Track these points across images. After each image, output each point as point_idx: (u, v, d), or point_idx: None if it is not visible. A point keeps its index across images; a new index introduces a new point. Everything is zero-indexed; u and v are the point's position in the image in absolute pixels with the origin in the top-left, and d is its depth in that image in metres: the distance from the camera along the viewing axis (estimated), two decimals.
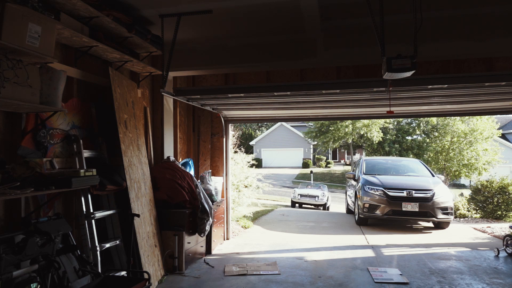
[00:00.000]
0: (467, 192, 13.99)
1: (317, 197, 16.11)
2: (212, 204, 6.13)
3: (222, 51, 5.62)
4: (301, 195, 16.43)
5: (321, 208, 16.10)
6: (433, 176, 10.06)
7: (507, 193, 11.24)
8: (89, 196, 4.07)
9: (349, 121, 27.32)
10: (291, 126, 41.41)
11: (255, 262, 5.91)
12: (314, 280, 5.08)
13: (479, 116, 19.14)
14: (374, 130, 27.12)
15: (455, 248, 7.03)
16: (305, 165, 37.72)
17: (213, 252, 6.48)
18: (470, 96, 5.71)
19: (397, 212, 8.79)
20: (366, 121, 26.36)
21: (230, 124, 8.00)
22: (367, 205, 9.11)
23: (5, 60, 2.88)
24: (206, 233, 5.77)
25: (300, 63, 5.60)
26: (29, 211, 3.54)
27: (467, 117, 19.55)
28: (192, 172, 6.34)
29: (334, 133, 28.90)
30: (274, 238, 8.05)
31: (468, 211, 11.79)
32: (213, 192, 6.59)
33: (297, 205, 16.85)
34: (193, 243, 5.66)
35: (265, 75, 6.52)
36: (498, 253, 6.45)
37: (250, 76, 6.67)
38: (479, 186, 11.87)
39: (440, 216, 8.73)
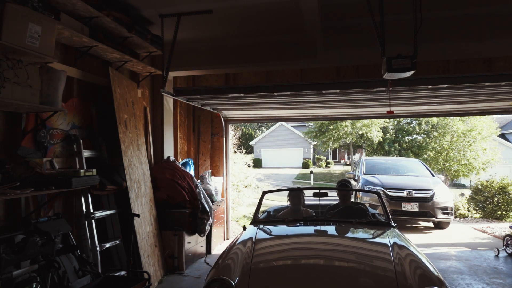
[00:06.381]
0: (467, 192, 13.95)
1: None
2: (212, 204, 6.13)
3: (222, 51, 5.62)
4: None
5: None
6: (433, 176, 10.04)
7: (507, 193, 11.22)
8: (89, 196, 4.07)
9: (349, 121, 27.27)
10: (291, 126, 41.33)
11: None
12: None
13: (479, 116, 19.14)
14: (374, 130, 27.08)
15: (455, 248, 7.03)
16: (305, 165, 37.68)
17: (213, 252, 6.47)
18: (470, 96, 5.71)
19: (397, 212, 8.77)
20: (366, 121, 26.31)
21: (230, 124, 8.00)
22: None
23: (5, 60, 2.88)
24: (206, 233, 5.77)
25: (300, 63, 5.60)
26: (29, 211, 3.53)
27: (466, 117, 19.55)
28: (192, 172, 6.34)
29: (334, 133, 28.88)
30: None
31: (468, 211, 11.78)
32: (213, 192, 6.59)
33: None
34: (193, 243, 5.66)
35: (265, 75, 6.52)
36: (498, 253, 6.45)
37: (250, 76, 6.66)
38: (479, 186, 11.86)
39: (440, 216, 8.72)
